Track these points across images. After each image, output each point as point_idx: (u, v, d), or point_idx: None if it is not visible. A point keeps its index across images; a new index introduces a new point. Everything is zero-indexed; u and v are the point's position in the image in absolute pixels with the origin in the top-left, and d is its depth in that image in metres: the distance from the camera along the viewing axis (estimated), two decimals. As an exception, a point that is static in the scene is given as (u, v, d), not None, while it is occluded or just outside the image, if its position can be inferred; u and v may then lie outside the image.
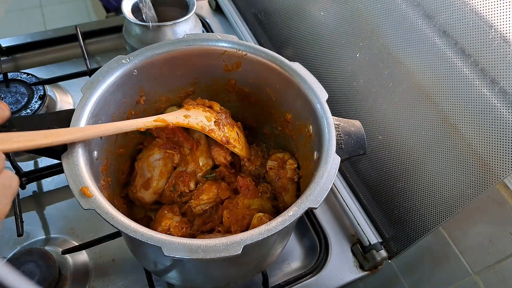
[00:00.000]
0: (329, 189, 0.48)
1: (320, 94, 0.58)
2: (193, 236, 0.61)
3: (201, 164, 0.66)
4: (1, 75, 0.88)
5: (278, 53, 0.62)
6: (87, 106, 0.53)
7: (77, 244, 0.69)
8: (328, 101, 0.58)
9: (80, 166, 0.48)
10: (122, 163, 0.66)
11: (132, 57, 0.59)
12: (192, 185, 0.64)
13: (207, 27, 1.14)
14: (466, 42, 0.59)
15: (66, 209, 0.75)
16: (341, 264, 0.74)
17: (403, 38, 0.68)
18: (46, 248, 0.67)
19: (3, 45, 0.97)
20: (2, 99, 0.84)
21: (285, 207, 0.50)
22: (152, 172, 0.65)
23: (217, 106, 0.67)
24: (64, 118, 0.52)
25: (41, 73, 0.93)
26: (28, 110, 0.83)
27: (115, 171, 0.64)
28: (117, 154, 0.64)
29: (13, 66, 0.99)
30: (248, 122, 0.75)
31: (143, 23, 0.86)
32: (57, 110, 0.90)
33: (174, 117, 0.60)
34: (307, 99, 0.58)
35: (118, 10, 1.90)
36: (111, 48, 1.06)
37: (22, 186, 0.73)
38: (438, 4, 0.63)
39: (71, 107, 0.91)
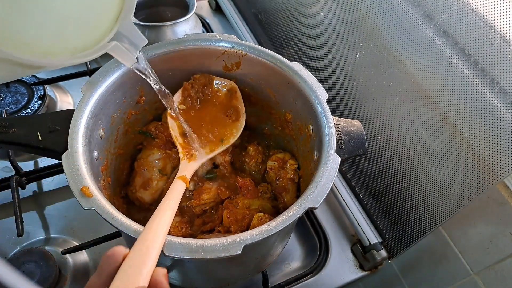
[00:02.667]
0: (329, 189, 0.48)
1: (320, 94, 0.58)
2: (193, 236, 0.61)
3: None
4: (1, 75, 0.88)
5: (278, 53, 0.62)
6: (87, 106, 0.53)
7: (77, 244, 0.69)
8: (328, 101, 0.58)
9: (80, 166, 0.48)
10: (122, 163, 0.66)
11: (132, 57, 0.59)
12: (191, 186, 0.64)
13: (207, 27, 1.14)
14: (466, 42, 0.59)
15: (66, 209, 0.75)
16: (341, 264, 0.74)
17: (403, 38, 0.68)
18: (46, 248, 0.67)
19: (3, 45, 0.97)
20: (2, 99, 0.84)
21: (285, 207, 0.50)
22: (152, 172, 0.65)
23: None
24: (64, 118, 0.52)
25: (41, 73, 0.93)
26: (28, 110, 0.83)
27: (115, 171, 0.64)
28: (117, 154, 0.64)
29: (13, 66, 0.99)
30: (248, 122, 0.75)
31: (142, 23, 0.86)
32: (57, 110, 0.89)
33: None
34: (307, 99, 0.58)
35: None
36: (111, 48, 1.06)
37: (22, 186, 0.73)
38: (438, 4, 0.63)
39: (71, 107, 0.92)
